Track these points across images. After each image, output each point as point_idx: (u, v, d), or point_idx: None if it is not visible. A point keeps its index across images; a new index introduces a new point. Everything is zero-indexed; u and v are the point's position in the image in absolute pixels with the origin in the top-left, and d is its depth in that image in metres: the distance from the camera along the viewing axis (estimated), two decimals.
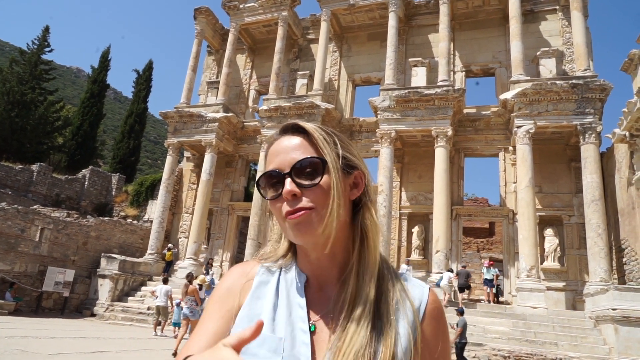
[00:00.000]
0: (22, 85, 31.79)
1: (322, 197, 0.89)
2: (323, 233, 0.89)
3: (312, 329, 0.90)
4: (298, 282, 0.97)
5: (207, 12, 24.22)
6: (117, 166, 33.54)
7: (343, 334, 0.85)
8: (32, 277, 16.83)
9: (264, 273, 1.00)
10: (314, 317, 0.92)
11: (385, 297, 0.90)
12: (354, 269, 0.92)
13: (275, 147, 0.97)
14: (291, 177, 0.90)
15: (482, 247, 29.82)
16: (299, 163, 0.91)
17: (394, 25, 19.70)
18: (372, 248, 0.94)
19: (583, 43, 16.88)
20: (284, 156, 0.93)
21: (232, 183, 23.00)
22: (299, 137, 0.96)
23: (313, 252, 0.94)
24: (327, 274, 0.96)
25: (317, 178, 0.90)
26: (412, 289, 0.95)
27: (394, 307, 0.89)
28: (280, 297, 0.95)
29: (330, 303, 0.93)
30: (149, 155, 76.11)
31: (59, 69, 59.81)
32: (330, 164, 0.92)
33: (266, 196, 0.94)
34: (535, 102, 16.39)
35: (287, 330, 0.89)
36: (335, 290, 0.94)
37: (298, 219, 0.88)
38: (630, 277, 14.24)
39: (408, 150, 19.72)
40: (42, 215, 17.57)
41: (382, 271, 0.95)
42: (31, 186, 24.98)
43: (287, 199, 0.89)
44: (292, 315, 0.91)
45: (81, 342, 10.59)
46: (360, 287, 0.90)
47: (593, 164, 15.30)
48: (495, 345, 12.08)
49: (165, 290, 14.02)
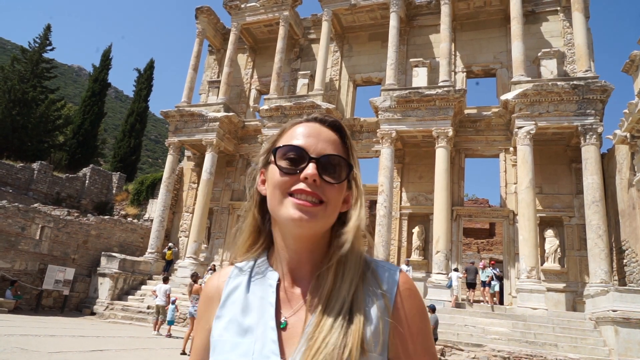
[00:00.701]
0: (24, 83, 31.84)
1: (336, 196, 0.90)
2: (320, 228, 0.90)
3: (283, 325, 0.89)
4: (270, 280, 0.96)
5: (209, 11, 24.23)
6: (118, 165, 33.58)
7: (316, 332, 0.83)
8: (32, 276, 16.84)
9: (236, 276, 1.00)
10: (286, 313, 0.91)
11: (358, 290, 0.89)
12: (333, 269, 0.90)
13: (305, 128, 0.95)
14: (319, 165, 0.89)
15: (482, 248, 29.81)
16: (332, 157, 0.91)
17: (395, 26, 19.69)
18: (357, 254, 0.92)
19: (584, 44, 16.86)
20: (314, 140, 0.92)
21: (232, 182, 23.01)
22: (334, 134, 0.96)
23: (295, 243, 0.92)
24: (302, 270, 0.94)
25: (339, 178, 0.90)
26: (382, 272, 0.93)
27: (364, 295, 0.88)
28: (252, 299, 0.94)
29: (303, 299, 0.92)
30: (149, 154, 76.18)
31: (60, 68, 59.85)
32: (356, 174, 0.95)
33: (282, 167, 0.90)
34: (536, 103, 16.37)
35: (258, 331, 0.89)
36: (308, 287, 0.92)
37: (309, 208, 0.86)
38: (630, 279, 14.22)
39: (409, 151, 19.71)
40: (43, 214, 17.58)
41: (361, 271, 0.93)
42: (32, 184, 25.00)
43: (307, 181, 0.87)
44: (264, 314, 0.91)
45: (81, 340, 10.60)
46: (340, 288, 0.88)
47: (594, 165, 15.29)
48: (495, 346, 12.07)
49: (164, 289, 14.04)
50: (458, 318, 14.13)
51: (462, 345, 12.07)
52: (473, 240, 30.00)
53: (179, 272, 19.50)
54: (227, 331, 0.92)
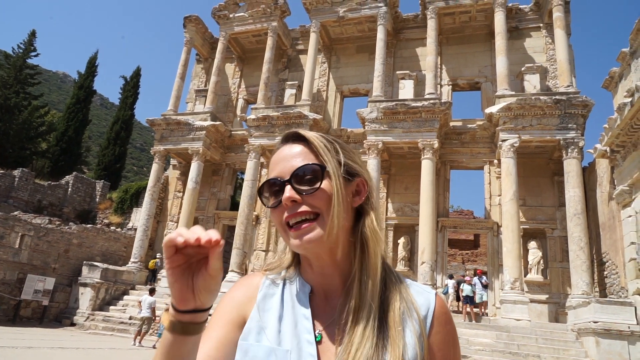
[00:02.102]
0: (6, 89, 31.33)
1: (323, 203, 0.90)
2: (327, 241, 0.89)
3: (319, 338, 0.90)
4: (302, 292, 0.97)
5: (197, 20, 24.25)
6: (102, 173, 33.11)
7: (348, 346, 0.84)
8: (10, 285, 16.41)
9: (269, 286, 1.00)
10: (319, 327, 0.92)
11: (391, 305, 0.90)
12: (357, 278, 0.91)
13: (276, 156, 0.98)
14: (291, 184, 0.91)
15: (467, 259, 30.03)
16: (299, 170, 0.92)
17: (383, 39, 19.95)
18: (372, 256, 0.92)
19: (566, 60, 17.30)
20: (284, 164, 0.95)
21: (218, 192, 22.87)
22: (300, 145, 0.97)
23: (316, 261, 0.94)
24: (331, 283, 0.96)
25: (317, 183, 0.91)
26: (418, 295, 0.94)
27: (401, 316, 0.89)
28: (286, 309, 0.95)
29: (335, 312, 0.92)
30: (134, 163, 75.33)
31: (44, 74, 59.12)
32: (330, 170, 0.93)
33: (268, 205, 0.95)
34: (519, 117, 16.68)
35: (293, 342, 0.89)
36: (340, 299, 0.93)
37: (304, 231, 0.88)
38: (611, 290, 14.45)
39: (395, 162, 19.86)
40: (23, 222, 17.21)
41: (386, 278, 0.94)
42: (12, 192, 24.48)
43: (287, 205, 0.90)
44: (298, 326, 0.91)
45: (59, 352, 10.34)
46: (363, 297, 0.89)
47: (575, 178, 15.59)
48: (479, 357, 12.13)
49: (149, 301, 13.85)
50: None
51: None
52: (458, 251, 30.21)
53: (162, 282, 19.20)
54: (261, 336, 0.91)
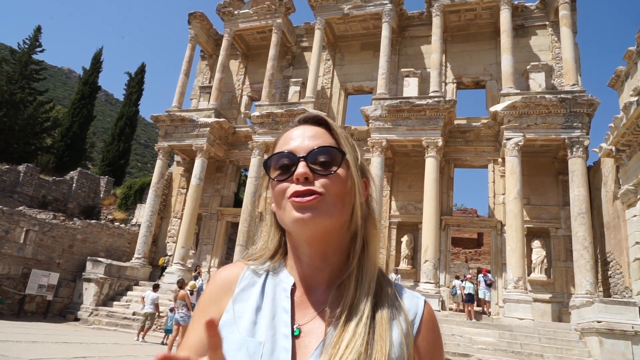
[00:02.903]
0: (12, 84, 31.44)
1: (334, 186, 0.87)
2: (328, 222, 0.86)
3: (297, 333, 0.87)
4: (284, 284, 0.94)
5: (202, 17, 24.24)
6: (106, 169, 33.21)
7: (338, 342, 0.81)
8: (15, 280, 16.51)
9: (250, 275, 0.97)
10: (300, 321, 0.89)
11: (380, 306, 0.88)
12: (353, 276, 0.89)
13: (290, 133, 0.95)
14: (306, 161, 0.88)
15: (470, 258, 29.96)
16: (320, 149, 0.89)
17: (387, 36, 19.88)
18: (372, 256, 0.92)
19: (572, 58, 17.19)
20: (300, 141, 0.92)
21: (222, 188, 22.90)
22: (319, 128, 0.95)
23: (308, 248, 0.90)
24: (318, 277, 0.93)
25: (333, 167, 0.89)
26: (407, 300, 0.93)
27: (389, 316, 0.87)
28: (265, 300, 0.92)
29: (319, 307, 0.90)
30: (138, 159, 75.58)
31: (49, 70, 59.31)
32: (350, 160, 0.91)
33: (272, 176, 0.91)
34: (524, 115, 16.60)
35: (268, 334, 0.86)
36: (324, 295, 0.91)
37: (306, 204, 0.85)
38: (615, 290, 14.40)
39: (398, 160, 19.82)
40: (28, 217, 17.30)
41: (379, 280, 0.93)
42: (17, 187, 24.61)
43: (298, 180, 0.87)
44: (276, 318, 0.88)
45: (63, 347, 10.40)
46: (359, 296, 0.87)
47: (580, 177, 15.51)
48: (482, 356, 12.12)
49: (152, 297, 13.93)
50: (445, 328, 14.14)
51: (449, 355, 12.08)
52: (461, 249, 30.15)
53: (166, 278, 19.27)
54: (236, 328, 0.88)
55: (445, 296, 16.80)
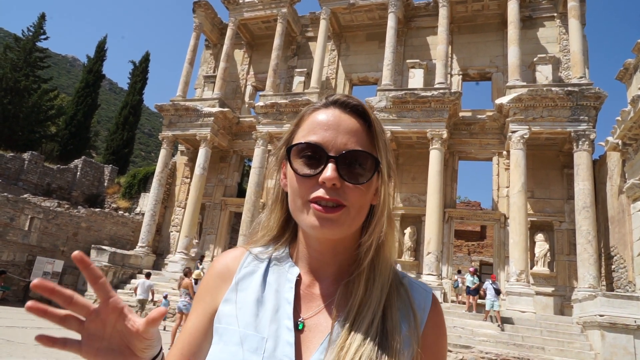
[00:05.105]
0: (16, 72, 31.45)
1: (360, 198, 0.81)
2: (344, 232, 0.82)
3: (300, 327, 0.83)
4: (289, 274, 0.89)
5: (207, 5, 24.09)
6: (110, 157, 33.31)
7: (346, 343, 0.77)
8: (20, 267, 16.67)
9: (251, 262, 0.92)
10: (304, 314, 0.85)
11: (392, 312, 0.83)
12: (364, 275, 0.85)
13: (322, 116, 0.85)
14: (337, 165, 0.79)
15: (473, 251, 29.98)
16: (354, 153, 0.81)
17: (393, 26, 19.71)
18: (386, 257, 0.87)
19: (579, 51, 16.99)
20: (333, 133, 0.82)
21: (225, 178, 22.92)
22: (357, 121, 0.85)
23: (319, 245, 0.86)
24: (324, 270, 0.89)
25: (364, 178, 0.81)
26: (416, 294, 0.88)
27: (399, 316, 0.83)
28: (268, 291, 0.87)
29: (324, 301, 0.86)
30: (142, 148, 75.74)
31: (54, 57, 59.21)
32: (384, 170, 0.84)
33: (295, 166, 0.82)
34: (530, 108, 16.47)
35: (271, 327, 0.81)
36: (330, 289, 0.87)
37: (329, 216, 0.79)
38: (618, 284, 14.38)
39: (403, 152, 19.75)
40: (32, 205, 17.40)
41: (392, 281, 0.89)
42: (22, 175, 24.72)
43: (325, 185, 0.79)
44: (279, 311, 0.84)
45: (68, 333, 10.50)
46: (370, 298, 0.83)
47: (585, 171, 15.42)
48: (483, 348, 12.16)
49: (147, 284, 14.19)
50: (447, 319, 14.14)
51: (450, 347, 12.13)
52: (464, 242, 30.16)
53: (169, 267, 19.41)
54: (236, 320, 0.83)
55: (447, 288, 16.84)
